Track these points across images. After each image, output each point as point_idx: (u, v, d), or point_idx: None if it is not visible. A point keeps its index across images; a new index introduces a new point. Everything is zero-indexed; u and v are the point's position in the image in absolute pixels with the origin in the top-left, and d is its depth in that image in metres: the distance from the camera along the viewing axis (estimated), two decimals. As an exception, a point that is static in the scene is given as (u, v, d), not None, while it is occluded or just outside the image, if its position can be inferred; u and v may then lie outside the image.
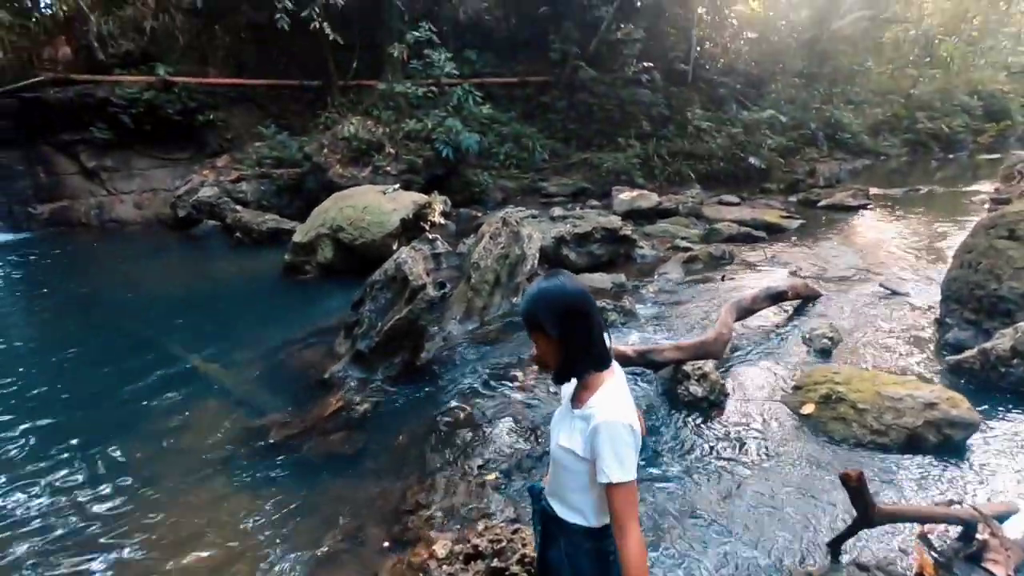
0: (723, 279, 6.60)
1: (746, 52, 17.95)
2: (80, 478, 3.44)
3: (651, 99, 14.72)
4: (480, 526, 2.62)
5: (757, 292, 5.28)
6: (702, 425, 3.75)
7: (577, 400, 1.53)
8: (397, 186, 8.93)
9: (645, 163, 13.37)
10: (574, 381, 1.55)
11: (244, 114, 13.00)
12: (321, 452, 3.55)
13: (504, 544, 2.42)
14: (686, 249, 7.86)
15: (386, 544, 2.76)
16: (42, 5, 13.23)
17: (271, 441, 3.68)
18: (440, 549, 2.49)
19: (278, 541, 2.86)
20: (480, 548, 2.40)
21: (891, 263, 7.06)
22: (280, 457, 3.53)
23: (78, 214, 11.81)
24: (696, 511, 2.90)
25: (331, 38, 11.54)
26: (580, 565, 1.55)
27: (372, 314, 4.64)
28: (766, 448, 3.47)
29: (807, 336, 4.85)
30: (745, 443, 3.53)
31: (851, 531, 2.44)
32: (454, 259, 7.47)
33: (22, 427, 4.04)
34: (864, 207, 10.58)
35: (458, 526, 2.78)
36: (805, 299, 5.69)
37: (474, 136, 11.38)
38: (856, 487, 2.18)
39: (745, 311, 5.04)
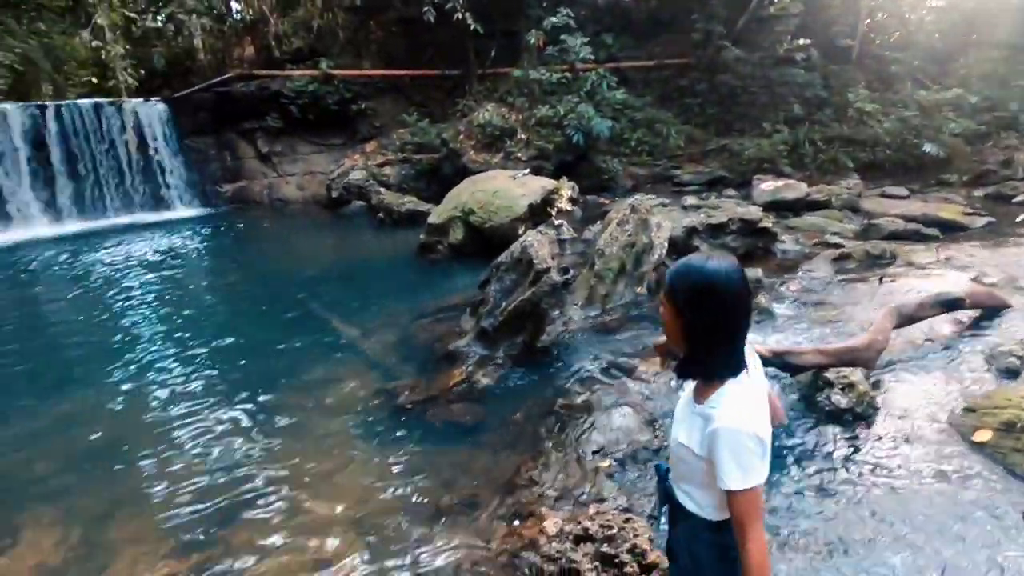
0: (881, 281, 5.83)
1: (930, 23, 15.53)
2: (238, 416, 4.00)
3: (805, 79, 13.36)
4: (591, 510, 2.62)
5: (925, 297, 4.60)
6: (844, 440, 3.38)
7: (699, 394, 1.45)
8: (527, 171, 9.08)
9: (793, 150, 12.22)
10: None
11: (391, 103, 13.99)
12: (443, 419, 3.76)
13: (615, 531, 2.39)
14: (837, 245, 7.07)
15: (499, 514, 2.86)
16: (234, 12, 15.27)
17: (399, 403, 3.97)
18: (551, 526, 2.53)
19: (400, 495, 3.09)
20: (591, 531, 2.39)
21: (1114, 273, 5.76)
22: (406, 418, 3.81)
23: (253, 193, 13.58)
24: (829, 535, 2.62)
25: (472, 27, 11.96)
26: (698, 554, 1.50)
27: (497, 294, 4.79)
28: (922, 474, 3.03)
29: (989, 353, 4.14)
30: (896, 465, 3.11)
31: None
32: (579, 245, 7.45)
33: (201, 373, 4.78)
34: (1080, 205, 8.72)
35: (569, 507, 2.80)
36: (988, 309, 4.85)
37: (606, 122, 11.18)
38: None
39: (908, 318, 4.41)
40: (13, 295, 7.47)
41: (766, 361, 3.75)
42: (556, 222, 7.84)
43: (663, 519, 1.66)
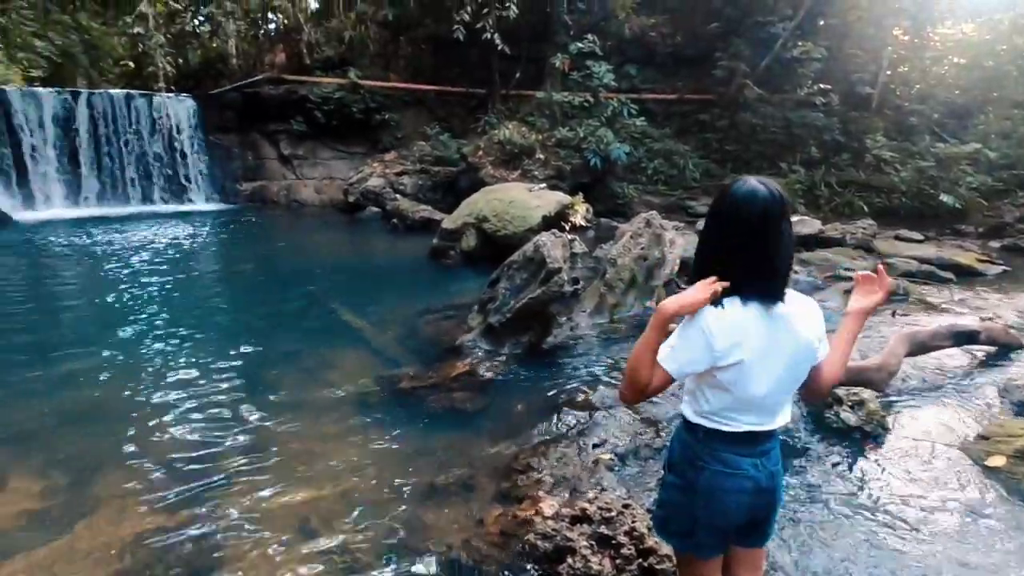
0: (894, 315, 5.78)
1: (951, 79, 15.72)
2: (237, 390, 3.96)
3: (824, 123, 13.49)
4: (590, 494, 2.54)
5: (939, 328, 4.53)
6: (851, 458, 3.29)
7: None
8: (543, 185, 9.16)
9: (809, 191, 12.29)
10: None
11: (414, 115, 14.26)
12: (443, 405, 3.70)
13: (613, 515, 2.31)
14: (850, 279, 7.01)
15: (495, 496, 2.79)
16: (270, 20, 15.77)
17: (399, 388, 3.92)
18: (547, 508, 2.46)
19: (394, 472, 3.02)
20: (589, 513, 2.32)
21: None
22: (406, 402, 3.76)
23: (271, 193, 13.76)
24: (835, 558, 2.50)
25: (499, 48, 12.24)
26: (672, 446, 1.61)
27: (507, 292, 4.77)
28: (931, 495, 2.93)
29: (1002, 386, 4.06)
30: (904, 485, 3.02)
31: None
32: (590, 261, 7.44)
33: (205, 347, 4.77)
34: (1097, 262, 8.65)
35: (567, 493, 2.73)
36: (1002, 347, 4.77)
37: (624, 147, 11.31)
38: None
39: (920, 346, 4.34)
40: (31, 270, 7.56)
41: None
42: (569, 237, 7.85)
43: None
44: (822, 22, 14.00)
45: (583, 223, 9.08)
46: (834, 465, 3.21)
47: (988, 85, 15.44)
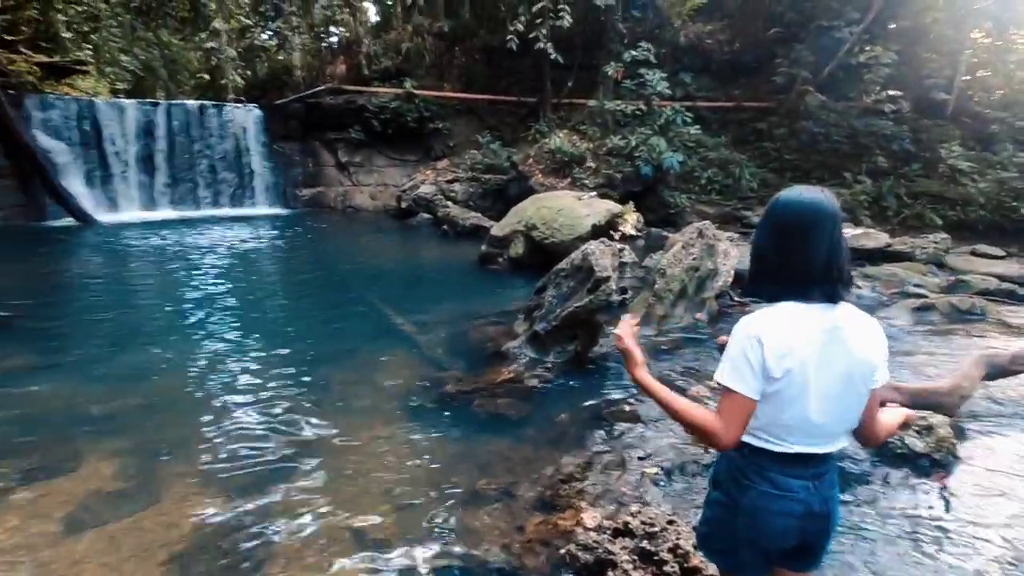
0: (969, 335, 5.40)
1: (1037, 83, 14.62)
2: (291, 386, 4.12)
3: (893, 131, 12.80)
4: (634, 508, 2.49)
5: (1020, 350, 4.20)
6: (916, 486, 3.08)
7: None
8: (594, 193, 9.10)
9: (875, 202, 11.68)
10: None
11: (466, 124, 14.50)
12: (488, 411, 3.72)
13: (657, 530, 2.26)
14: (919, 296, 6.62)
15: (536, 503, 2.77)
16: (332, 33, 16.44)
17: (445, 391, 3.98)
18: (589, 519, 2.43)
19: (437, 474, 3.06)
20: (631, 527, 2.28)
21: None
22: (451, 406, 3.81)
23: (328, 199, 14.29)
24: None
25: (552, 57, 12.29)
26: (719, 462, 1.54)
27: (553, 299, 4.76)
28: (999, 535, 2.70)
29: (1093, 417, 3.72)
30: (971, 521, 2.80)
31: None
32: (639, 271, 7.33)
33: (264, 345, 4.99)
34: None
35: (611, 506, 2.68)
36: (1095, 374, 4.36)
37: (677, 156, 11.11)
38: None
39: (1001, 369, 4.03)
40: (112, 268, 8.14)
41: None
42: (619, 246, 7.77)
43: None
44: (893, 25, 13.34)
45: (633, 232, 8.96)
46: (895, 495, 3.01)
47: (1082, 90, 14.26)
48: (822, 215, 1.35)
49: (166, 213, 12.51)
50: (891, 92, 12.64)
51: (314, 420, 3.67)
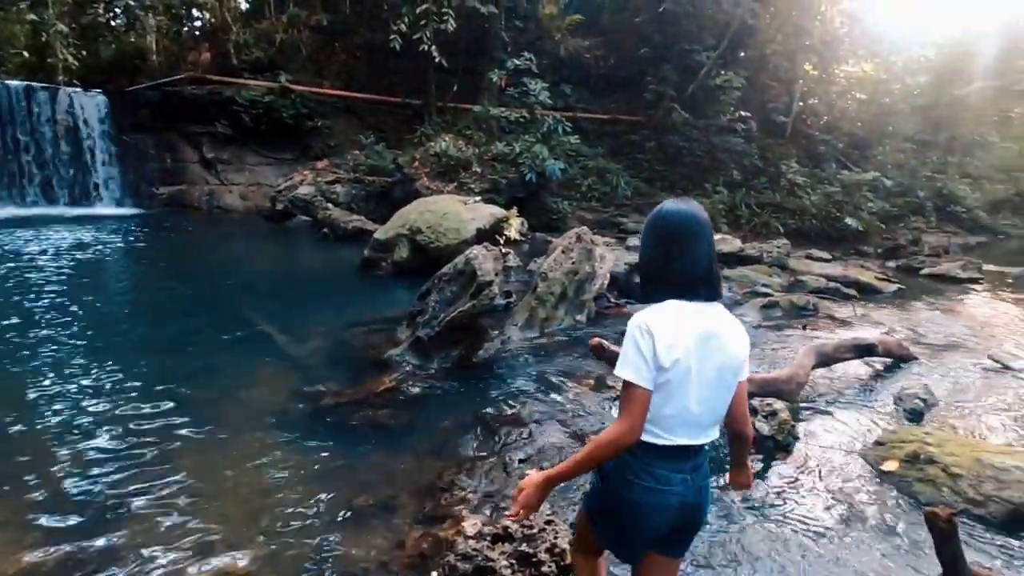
0: (804, 328, 6.17)
1: (853, 112, 17.25)
2: (143, 410, 3.65)
3: (744, 148, 14.39)
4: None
5: (842, 341, 4.88)
6: (764, 466, 3.44)
7: None
8: (478, 198, 9.16)
9: (731, 211, 13.00)
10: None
11: (347, 124, 13.95)
12: (367, 422, 3.57)
13: (535, 532, 2.29)
14: (765, 295, 7.45)
15: (417, 516, 2.69)
16: (195, 17, 15.02)
17: (321, 405, 3.76)
18: (469, 527, 2.39)
19: (309, 496, 2.86)
20: (510, 530, 2.28)
21: (1003, 339, 6.33)
22: (327, 420, 3.59)
23: (192, 198, 13.01)
24: (749, 559, 2.60)
25: (436, 60, 12.22)
26: (605, 465, 1.55)
27: (436, 304, 4.69)
28: (836, 499, 3.11)
29: (896, 395, 4.39)
30: (812, 490, 3.19)
31: (934, 591, 2.10)
32: (523, 275, 7.50)
33: (109, 364, 4.38)
34: (975, 281, 9.63)
35: (491, 511, 2.68)
36: (897, 359, 5.19)
37: (559, 164, 11.55)
38: (945, 530, 1.88)
39: (826, 358, 4.65)
40: None
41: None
42: (503, 251, 7.89)
43: None
44: (742, 53, 14.99)
45: (518, 237, 9.15)
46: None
47: (884, 120, 17.07)
48: (702, 223, 1.51)
49: (-19, 211, 10.64)
50: (742, 113, 14.21)
51: (172, 446, 3.27)
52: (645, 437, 1.47)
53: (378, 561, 2.37)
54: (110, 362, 4.38)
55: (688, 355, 1.42)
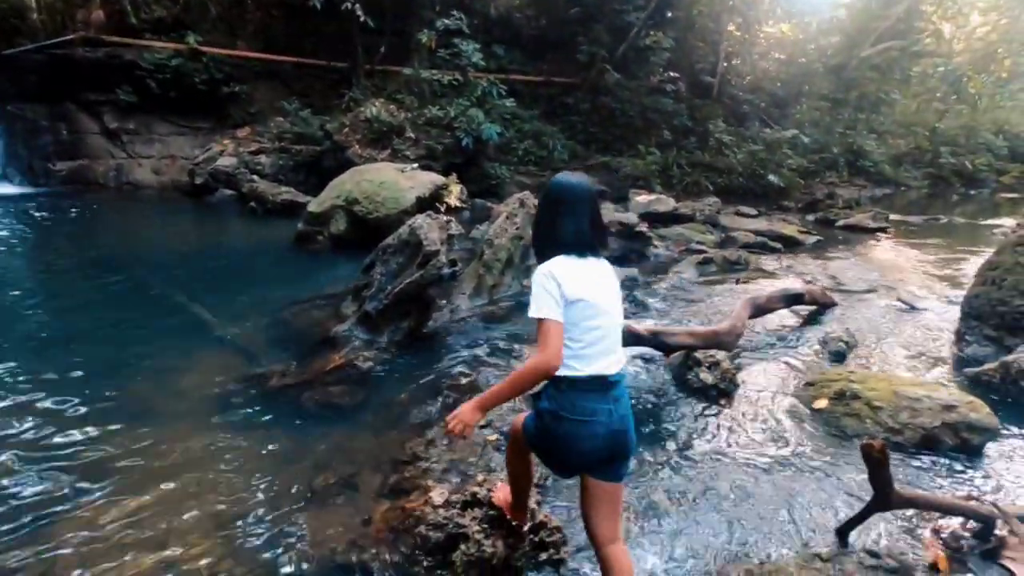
0: (737, 282, 6.51)
1: (773, 72, 17.95)
2: (75, 405, 3.38)
3: (674, 109, 14.70)
4: (480, 477, 2.54)
5: (774, 292, 5.18)
6: (710, 412, 3.65)
7: None
8: (415, 165, 8.91)
9: (664, 171, 13.33)
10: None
11: (268, 89, 13.07)
12: (318, 402, 3.47)
13: (503, 495, 2.32)
14: (701, 252, 7.77)
15: (381, 491, 2.67)
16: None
17: (268, 388, 3.61)
18: (437, 497, 2.40)
19: (267, 482, 2.78)
20: (479, 496, 2.31)
21: (909, 281, 6.94)
22: (276, 403, 3.46)
23: (96, 174, 11.88)
24: (700, 494, 2.79)
25: (361, 20, 11.59)
26: (546, 392, 1.80)
27: (382, 277, 4.57)
28: (774, 437, 3.36)
29: (822, 339, 4.75)
30: (753, 431, 3.43)
31: (866, 512, 2.33)
32: (467, 242, 7.41)
33: (26, 361, 4.00)
34: (883, 230, 10.45)
35: (457, 479, 2.70)
36: (820, 306, 5.58)
37: (495, 127, 11.37)
38: (878, 459, 2.07)
39: (760, 309, 4.94)
40: None
41: (644, 340, 3.97)
42: (445, 218, 7.74)
43: None
44: (670, 14, 15.12)
45: (458, 204, 9.01)
46: (695, 419, 3.54)
47: (802, 79, 17.86)
48: (585, 193, 1.84)
49: None
50: (671, 74, 14.45)
51: (100, 440, 3.06)
52: (566, 372, 1.69)
53: (347, 540, 2.35)
54: (20, 358, 4.00)
55: (585, 291, 1.71)
